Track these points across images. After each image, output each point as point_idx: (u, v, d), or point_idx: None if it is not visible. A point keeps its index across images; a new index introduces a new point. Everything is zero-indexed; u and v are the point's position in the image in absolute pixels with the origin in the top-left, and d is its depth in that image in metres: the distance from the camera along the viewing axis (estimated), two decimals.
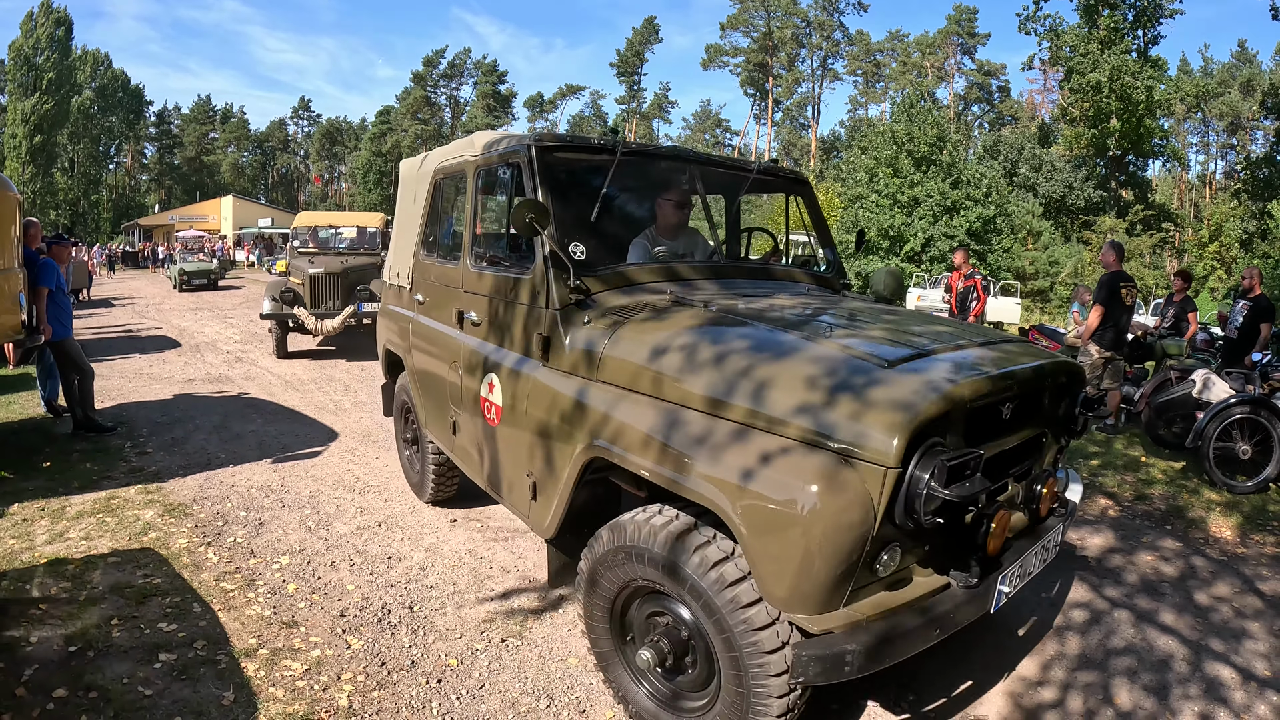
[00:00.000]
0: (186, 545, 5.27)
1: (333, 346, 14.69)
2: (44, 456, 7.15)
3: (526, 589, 4.80)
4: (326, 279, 13.04)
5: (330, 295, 13.04)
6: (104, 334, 16.57)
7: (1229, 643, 4.40)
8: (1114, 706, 3.77)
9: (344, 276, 13.16)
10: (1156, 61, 42.40)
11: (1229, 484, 6.97)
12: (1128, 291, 8.55)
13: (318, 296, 12.99)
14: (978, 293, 11.32)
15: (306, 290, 13.00)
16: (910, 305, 25.24)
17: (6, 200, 6.41)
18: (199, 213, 68.91)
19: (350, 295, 13.08)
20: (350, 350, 14.31)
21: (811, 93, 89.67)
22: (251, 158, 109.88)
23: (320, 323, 12.77)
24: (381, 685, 3.75)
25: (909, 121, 32.44)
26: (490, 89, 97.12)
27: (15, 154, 67.97)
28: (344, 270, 13.18)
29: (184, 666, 3.80)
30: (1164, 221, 44.50)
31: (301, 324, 12.84)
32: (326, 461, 7.33)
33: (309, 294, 12.97)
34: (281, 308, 12.74)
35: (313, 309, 12.95)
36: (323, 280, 13.01)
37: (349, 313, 12.80)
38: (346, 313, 12.79)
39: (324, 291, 13.02)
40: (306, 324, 12.76)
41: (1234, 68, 75.36)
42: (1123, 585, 5.11)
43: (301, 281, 13.15)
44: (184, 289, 28.29)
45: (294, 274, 13.67)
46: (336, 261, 13.54)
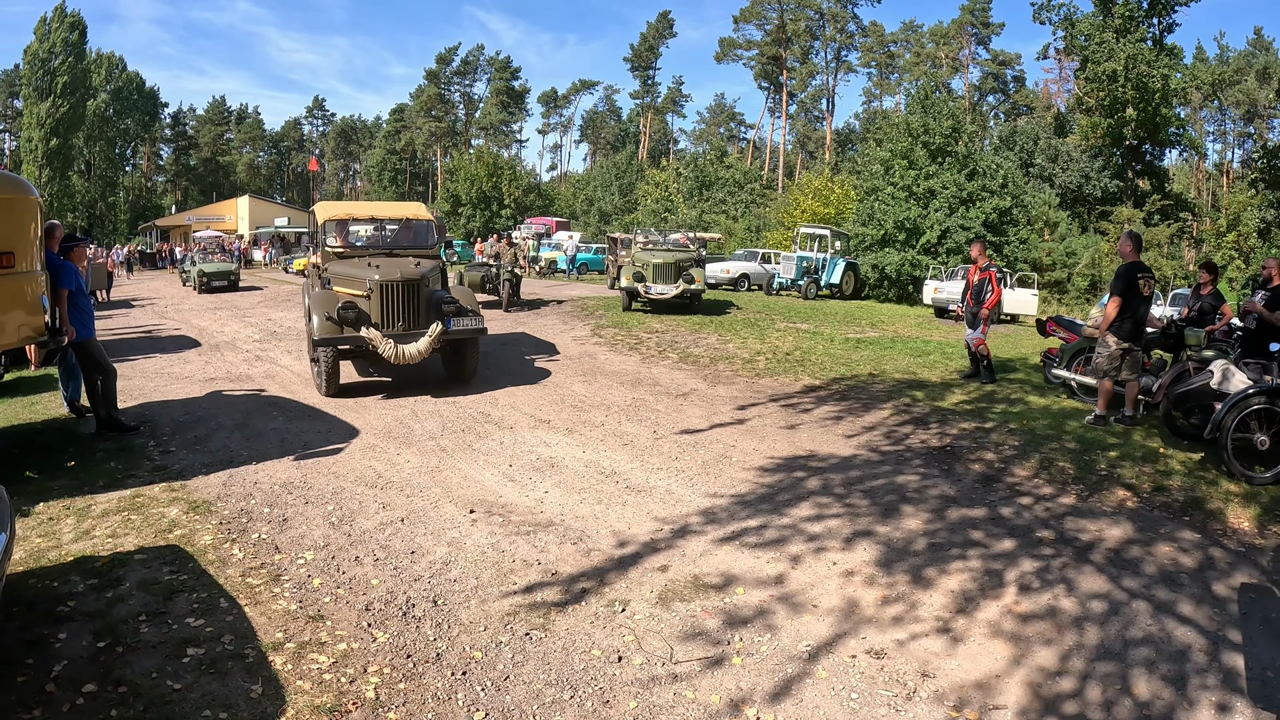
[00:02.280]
0: (212, 542, 5.35)
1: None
2: (68, 456, 7.24)
3: (549, 582, 4.85)
4: (401, 289, 10.10)
5: (407, 310, 10.14)
6: (125, 335, 16.70)
7: (1247, 633, 4.40)
8: (1132, 697, 3.79)
9: (422, 284, 10.34)
10: (1172, 50, 42.12)
11: (1247, 475, 6.95)
12: (1145, 283, 8.51)
13: (391, 312, 10.05)
14: (992, 285, 11.30)
15: (375, 303, 9.98)
16: (926, 298, 25.19)
17: (28, 203, 6.49)
18: (215, 213, 69.23)
19: (433, 308, 10.33)
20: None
21: (826, 85, 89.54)
22: (267, 158, 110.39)
23: (401, 348, 9.75)
24: (407, 677, 3.80)
25: (924, 113, 32.24)
26: (504, 85, 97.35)
27: (32, 157, 68.57)
28: (421, 277, 10.32)
29: (212, 660, 3.86)
30: (1181, 211, 44.21)
31: (372, 348, 9.78)
32: (348, 458, 7.40)
33: (379, 308, 9.99)
34: (342, 329, 9.69)
35: (387, 330, 9.96)
36: (396, 290, 10.07)
37: (437, 333, 9.99)
38: (434, 333, 9.95)
39: (397, 305, 10.09)
40: (381, 349, 9.67)
41: (1250, 55, 74.77)
42: (1141, 576, 5.12)
43: (364, 292, 10.08)
44: (204, 290, 28.27)
45: (340, 281, 10.61)
46: (405, 264, 10.60)
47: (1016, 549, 5.49)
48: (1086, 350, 10.04)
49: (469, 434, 8.35)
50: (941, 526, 5.89)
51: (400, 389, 10.70)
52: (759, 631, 4.31)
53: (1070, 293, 34.57)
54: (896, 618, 4.49)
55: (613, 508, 6.18)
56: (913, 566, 5.17)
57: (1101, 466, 7.36)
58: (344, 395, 10.09)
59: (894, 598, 4.74)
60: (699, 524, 5.85)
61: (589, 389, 10.85)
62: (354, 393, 10.36)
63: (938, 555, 5.36)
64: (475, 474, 7.00)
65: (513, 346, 14.54)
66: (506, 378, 11.52)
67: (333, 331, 9.74)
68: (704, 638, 4.23)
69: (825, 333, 17.04)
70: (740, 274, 29.79)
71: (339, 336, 9.75)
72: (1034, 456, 7.69)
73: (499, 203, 62.53)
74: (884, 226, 30.01)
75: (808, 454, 7.81)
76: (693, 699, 3.70)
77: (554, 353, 13.87)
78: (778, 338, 15.79)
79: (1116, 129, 42.53)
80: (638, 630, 4.29)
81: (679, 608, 4.55)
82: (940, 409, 9.70)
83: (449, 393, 10.33)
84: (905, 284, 29.34)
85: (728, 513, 6.09)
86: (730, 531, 5.71)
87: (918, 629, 4.36)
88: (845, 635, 4.28)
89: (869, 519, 6.01)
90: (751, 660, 4.03)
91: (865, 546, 5.49)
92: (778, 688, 3.80)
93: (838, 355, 13.87)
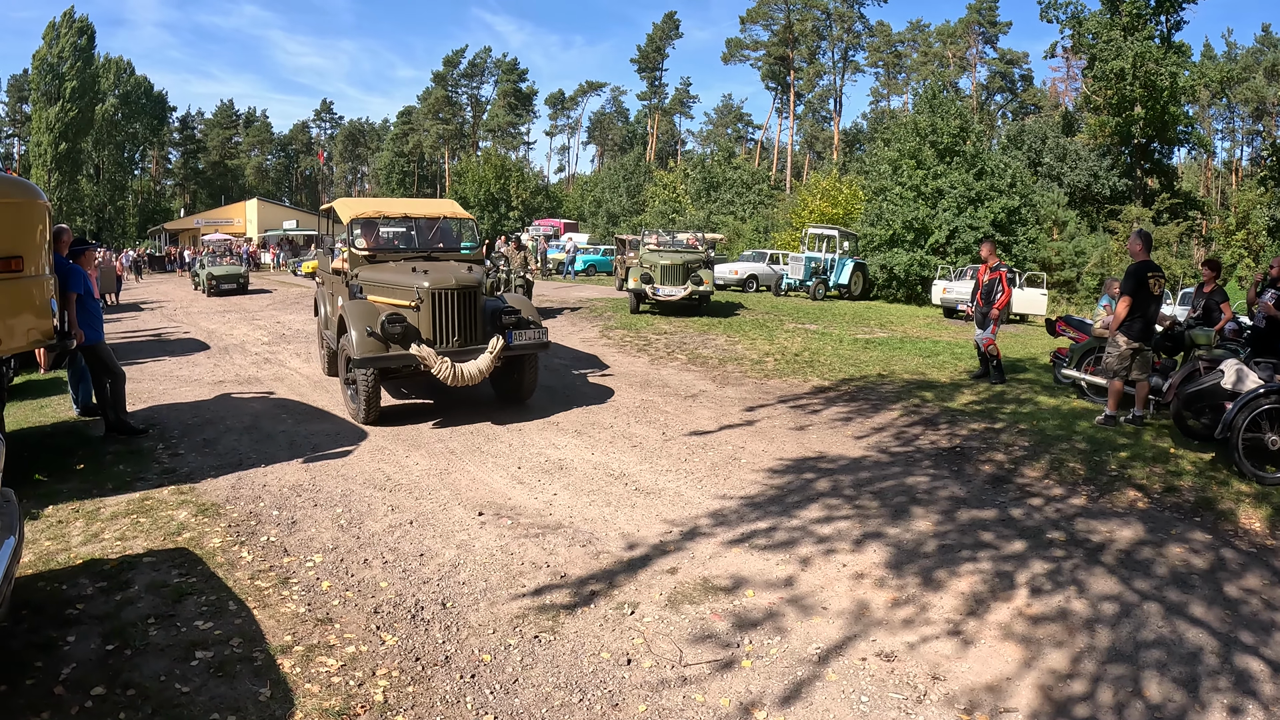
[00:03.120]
0: (220, 544, 5.36)
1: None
2: (77, 459, 7.25)
3: (558, 585, 4.84)
4: (457, 298, 8.82)
5: (464, 322, 8.91)
6: (133, 338, 16.75)
7: (1259, 635, 4.38)
8: (1144, 699, 3.77)
9: (479, 292, 9.14)
10: (1180, 47, 41.95)
11: (1258, 475, 6.90)
12: (1155, 281, 8.47)
13: (445, 325, 8.79)
14: (1002, 285, 11.26)
15: (426, 315, 8.71)
16: (935, 298, 25.13)
17: (36, 208, 6.50)
18: (224, 216, 69.50)
19: (490, 320, 9.15)
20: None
21: (833, 85, 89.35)
22: (275, 161, 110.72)
23: (459, 367, 8.56)
24: (416, 680, 3.80)
25: (931, 112, 32.19)
26: (511, 87, 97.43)
27: (41, 162, 68.90)
28: (478, 283, 9.11)
29: (221, 664, 3.86)
30: (1190, 209, 44.04)
31: (424, 368, 8.62)
32: (357, 460, 7.40)
33: (430, 321, 8.72)
34: (387, 346, 8.43)
35: (441, 346, 8.74)
36: (451, 299, 8.79)
37: (499, 349, 8.78)
38: (496, 348, 8.75)
39: (453, 316, 8.82)
40: (436, 370, 8.49)
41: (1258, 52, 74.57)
42: (1152, 577, 5.09)
43: (412, 302, 8.76)
44: (213, 294, 28.34)
45: (378, 289, 9.24)
46: (457, 269, 9.40)
47: (1027, 550, 5.46)
48: (1096, 350, 10.00)
49: (477, 436, 8.35)
50: (951, 528, 5.87)
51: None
52: (769, 634, 4.30)
53: (1079, 292, 34.49)
54: (907, 620, 4.47)
55: (622, 510, 6.17)
56: (923, 568, 5.15)
57: (1112, 467, 7.32)
58: None
59: (904, 600, 4.73)
60: (708, 526, 5.84)
61: (597, 390, 10.84)
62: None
63: (948, 557, 5.34)
64: (484, 476, 7.00)
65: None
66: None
67: (375, 349, 8.39)
68: (713, 640, 4.22)
69: (834, 333, 17.02)
70: (748, 275, 29.78)
71: (384, 355, 8.41)
72: (1044, 457, 7.65)
73: (507, 205, 62.54)
74: (892, 227, 29.98)
75: (817, 455, 7.80)
76: (702, 702, 3.69)
77: (562, 355, 13.86)
78: (786, 339, 15.77)
79: (1125, 127, 42.39)
80: (647, 633, 4.28)
81: (688, 610, 4.54)
82: (950, 410, 9.67)
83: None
84: (914, 284, 29.29)
85: (737, 514, 6.08)
86: (740, 533, 5.69)
87: (928, 631, 4.34)
88: (855, 638, 4.26)
89: (879, 520, 5.99)
90: (761, 663, 4.01)
91: (875, 548, 5.48)
92: (788, 691, 3.78)
93: (846, 356, 13.84)
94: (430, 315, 8.70)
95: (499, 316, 9.08)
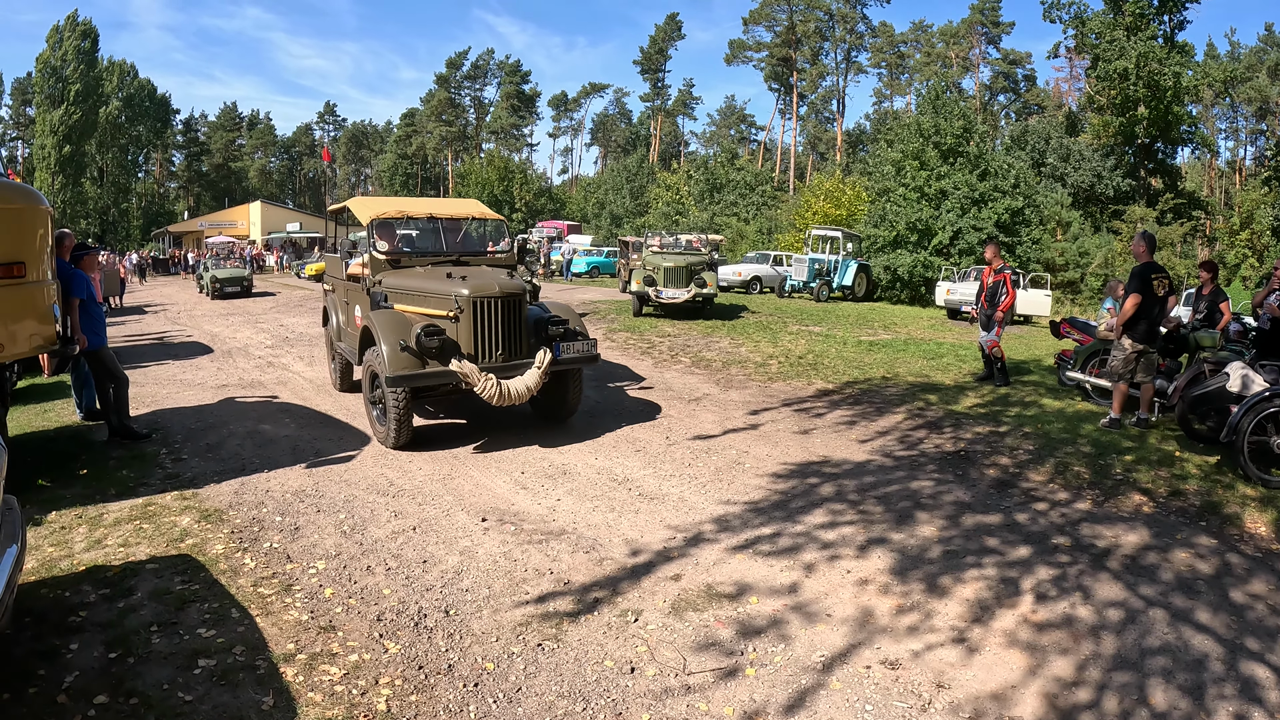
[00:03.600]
0: (223, 551, 5.35)
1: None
2: (81, 464, 7.25)
3: (562, 592, 4.83)
4: (502, 307, 7.94)
5: (509, 333, 8.02)
6: (137, 341, 16.77)
7: (1265, 641, 4.35)
8: (1149, 707, 3.75)
9: (523, 301, 8.26)
10: (1183, 47, 41.89)
11: (1264, 479, 6.88)
12: (1160, 283, 8.46)
13: (488, 337, 7.90)
14: (1007, 287, 11.24)
15: (466, 326, 7.85)
16: (939, 300, 25.10)
17: (39, 213, 6.50)
18: (228, 218, 69.68)
19: (535, 330, 8.35)
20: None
21: (836, 86, 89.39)
22: (278, 163, 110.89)
23: (505, 384, 7.65)
24: (419, 689, 3.79)
25: (935, 113, 32.12)
26: (514, 89, 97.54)
27: (45, 164, 69.04)
28: (521, 291, 8.21)
29: (223, 672, 3.86)
30: (1194, 209, 43.96)
31: (466, 386, 7.75)
32: (360, 466, 7.40)
33: (471, 333, 7.85)
34: (423, 363, 7.60)
35: (486, 362, 7.87)
36: (494, 309, 7.90)
37: (547, 363, 7.90)
38: (544, 362, 7.88)
39: (496, 327, 7.93)
40: (480, 388, 7.58)
41: (1261, 51, 74.53)
42: (1158, 583, 5.07)
43: (449, 312, 7.90)
44: (217, 296, 28.35)
45: (407, 298, 8.42)
46: (498, 274, 8.57)
47: (1032, 556, 5.44)
48: (1101, 352, 9.98)
49: (480, 441, 8.33)
50: (956, 533, 5.85)
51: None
52: (773, 642, 4.28)
53: (1084, 293, 34.40)
54: (911, 627, 4.46)
55: (625, 515, 6.16)
56: (928, 574, 5.13)
57: (1117, 471, 7.30)
58: (355, 403, 10.03)
59: (909, 607, 4.71)
60: (712, 532, 5.82)
61: (599, 394, 10.83)
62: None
63: (953, 563, 5.32)
64: (487, 481, 6.98)
65: None
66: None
67: (411, 365, 7.57)
68: (717, 648, 4.21)
69: (838, 335, 16.99)
70: (752, 277, 29.77)
71: (421, 373, 7.58)
72: (1049, 461, 7.64)
73: (510, 207, 62.57)
74: (896, 228, 29.92)
75: (821, 459, 7.78)
76: (706, 711, 3.68)
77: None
78: (790, 341, 15.74)
79: (1128, 127, 42.34)
80: (651, 641, 4.27)
81: (692, 617, 4.53)
82: (954, 413, 9.65)
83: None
84: (918, 285, 29.24)
85: (741, 520, 6.06)
86: (744, 539, 5.68)
87: (933, 639, 4.32)
88: (860, 645, 4.25)
89: (883, 526, 5.97)
90: (765, 671, 4.00)
91: (879, 554, 5.46)
92: (792, 699, 3.77)
93: (850, 358, 13.82)
94: (471, 326, 7.82)
95: (545, 327, 8.31)
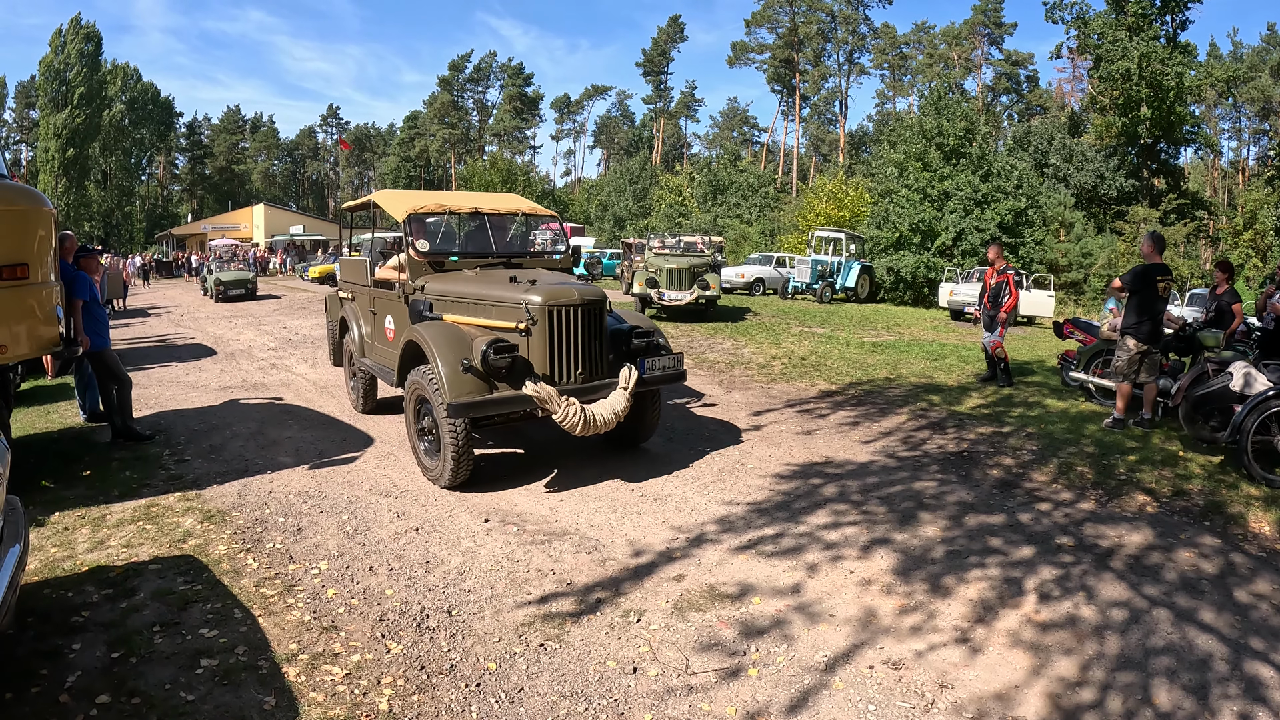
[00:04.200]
0: (226, 551, 5.35)
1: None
2: (84, 465, 7.26)
3: (564, 592, 4.82)
4: (582, 317, 6.74)
5: (589, 349, 6.83)
6: (140, 344, 16.79)
7: (1269, 641, 4.34)
8: (1153, 707, 3.74)
9: (604, 310, 7.04)
10: (1186, 47, 41.92)
11: (1268, 479, 6.86)
12: (1165, 285, 8.45)
13: (566, 354, 6.69)
14: (1010, 288, 11.23)
15: (540, 341, 6.59)
16: (942, 300, 25.12)
17: (42, 215, 6.51)
18: (231, 221, 69.78)
19: (615, 343, 7.24)
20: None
21: (838, 87, 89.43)
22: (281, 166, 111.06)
23: (590, 410, 6.48)
24: (421, 689, 3.79)
25: (937, 114, 32.12)
26: (517, 91, 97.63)
27: (49, 167, 69.19)
28: (603, 299, 6.98)
29: (226, 672, 3.85)
30: (1197, 209, 43.95)
31: (544, 414, 6.55)
32: (363, 467, 7.39)
33: (546, 349, 6.60)
34: (490, 387, 6.40)
35: (564, 383, 6.67)
36: (574, 319, 6.69)
37: (634, 382, 6.79)
38: (630, 382, 6.76)
39: (575, 342, 6.71)
40: (561, 415, 6.37)
41: (1264, 51, 74.49)
42: (1161, 583, 5.06)
43: (518, 324, 6.63)
44: (221, 299, 28.35)
45: (460, 306, 7.17)
46: (568, 279, 7.68)
47: (1035, 556, 5.43)
48: (1104, 352, 9.96)
49: (481, 441, 8.33)
50: (959, 534, 5.84)
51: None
52: (775, 642, 4.27)
53: (1087, 294, 34.39)
54: (914, 627, 4.45)
55: (628, 516, 6.15)
56: (931, 575, 5.12)
57: (1120, 471, 7.29)
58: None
59: (912, 607, 4.70)
60: (715, 532, 5.82)
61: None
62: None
63: (956, 563, 5.31)
64: (489, 483, 6.98)
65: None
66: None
67: (476, 390, 6.34)
68: (720, 648, 4.20)
69: (841, 337, 16.99)
70: (755, 278, 29.77)
71: (491, 399, 6.35)
72: (1052, 461, 7.62)
73: None
74: (899, 229, 29.92)
75: (824, 460, 7.77)
76: (708, 711, 3.67)
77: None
78: (793, 342, 15.74)
79: (1131, 128, 42.35)
80: (653, 641, 4.26)
81: (695, 618, 4.52)
82: (957, 413, 9.64)
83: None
84: (920, 286, 29.23)
85: (744, 521, 6.05)
86: (746, 540, 5.67)
87: (936, 639, 4.31)
88: (863, 645, 4.24)
89: (886, 526, 5.96)
90: (768, 671, 3.99)
91: (883, 554, 5.45)
92: (794, 700, 3.76)
93: (854, 359, 13.81)
94: (546, 341, 6.60)
95: (626, 340, 7.26)
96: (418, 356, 7.03)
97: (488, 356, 6.26)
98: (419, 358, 7.00)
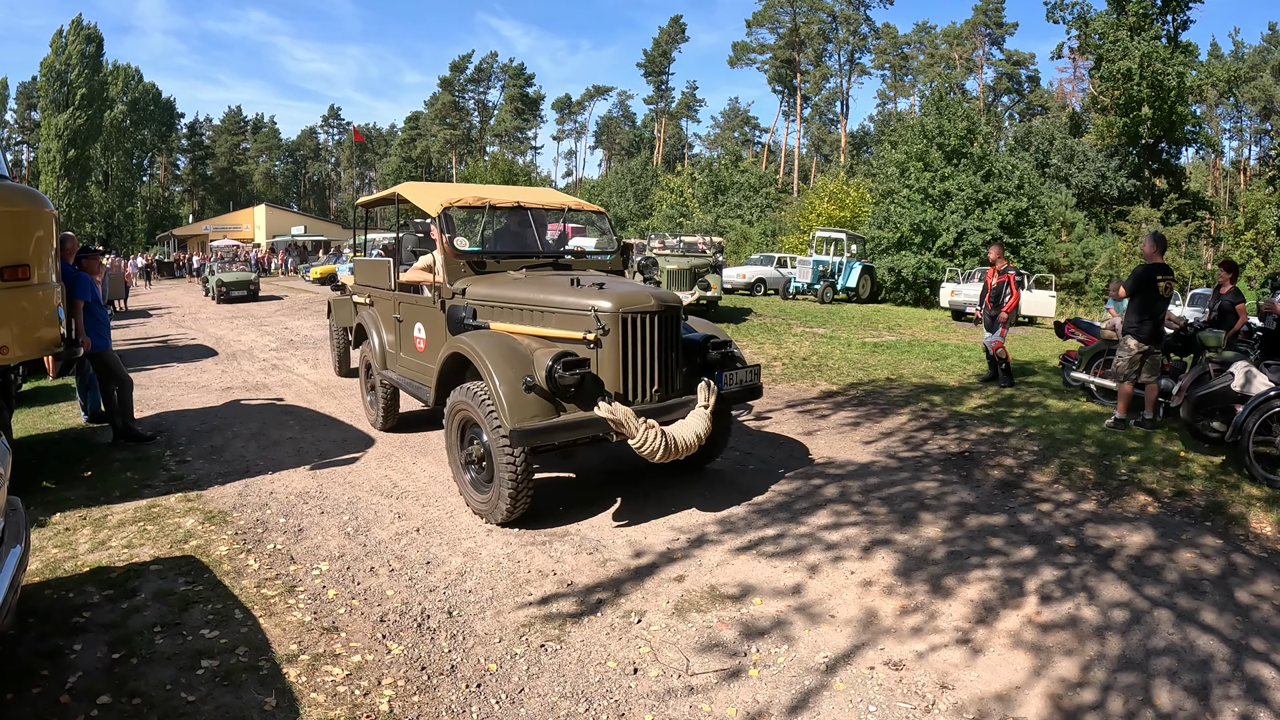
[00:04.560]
0: (227, 552, 5.35)
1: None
2: (85, 466, 7.27)
3: (564, 593, 4.82)
4: (659, 326, 5.87)
5: (665, 363, 5.96)
6: (142, 344, 16.80)
7: (1271, 642, 4.34)
8: (1154, 708, 3.74)
9: (679, 318, 6.24)
10: (1187, 47, 41.86)
11: (1269, 479, 6.86)
12: (1165, 285, 8.44)
13: (642, 369, 5.81)
14: (1011, 288, 11.23)
15: (611, 355, 5.72)
16: (943, 301, 25.11)
17: (43, 216, 6.51)
18: (232, 222, 69.79)
19: (688, 355, 6.36)
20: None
21: (840, 88, 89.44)
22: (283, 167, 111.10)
23: (669, 433, 5.56)
24: (422, 690, 3.79)
25: (938, 114, 32.11)
26: (518, 92, 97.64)
27: (50, 168, 69.20)
28: (679, 305, 6.21)
29: (226, 672, 3.85)
30: (1199, 209, 43.91)
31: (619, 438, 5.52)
32: (364, 467, 7.39)
33: (618, 363, 5.73)
34: (556, 409, 5.57)
35: (639, 402, 5.80)
36: (651, 329, 5.81)
37: (714, 400, 5.97)
38: (710, 400, 5.93)
39: (651, 355, 5.85)
40: (639, 440, 5.44)
41: (1265, 51, 74.42)
42: (1163, 583, 5.05)
43: (586, 334, 5.75)
44: (222, 300, 28.33)
45: (512, 314, 6.30)
46: (637, 283, 7.10)
47: (1036, 557, 5.43)
48: (1105, 353, 9.96)
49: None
50: (960, 534, 5.84)
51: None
52: (776, 643, 4.27)
53: (1088, 294, 34.37)
54: (915, 628, 4.44)
55: (629, 517, 6.14)
56: (932, 575, 5.12)
57: (1122, 471, 7.29)
58: (359, 405, 10.00)
59: (913, 608, 4.69)
60: (716, 533, 5.81)
61: None
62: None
63: (957, 564, 5.31)
64: None
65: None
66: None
67: (543, 413, 5.49)
68: (721, 649, 4.20)
69: (842, 337, 16.99)
70: (756, 279, 29.78)
71: (558, 423, 5.48)
72: (1054, 461, 7.62)
73: None
74: (900, 229, 29.93)
75: (825, 461, 7.77)
76: (709, 712, 3.67)
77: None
78: (794, 343, 15.74)
79: (1132, 128, 42.32)
80: (654, 642, 4.26)
81: (695, 619, 4.52)
82: (958, 414, 9.63)
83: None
84: (922, 287, 29.24)
85: (745, 521, 6.05)
86: (747, 540, 5.66)
87: (937, 640, 4.31)
88: (863, 646, 4.23)
89: (887, 527, 5.96)
90: (768, 672, 3.99)
91: (883, 555, 5.45)
92: (795, 700, 3.76)
93: (855, 360, 13.81)
94: (619, 354, 5.71)
95: (702, 350, 6.40)
96: (460, 372, 6.28)
97: (555, 373, 5.40)
98: (462, 373, 6.27)
